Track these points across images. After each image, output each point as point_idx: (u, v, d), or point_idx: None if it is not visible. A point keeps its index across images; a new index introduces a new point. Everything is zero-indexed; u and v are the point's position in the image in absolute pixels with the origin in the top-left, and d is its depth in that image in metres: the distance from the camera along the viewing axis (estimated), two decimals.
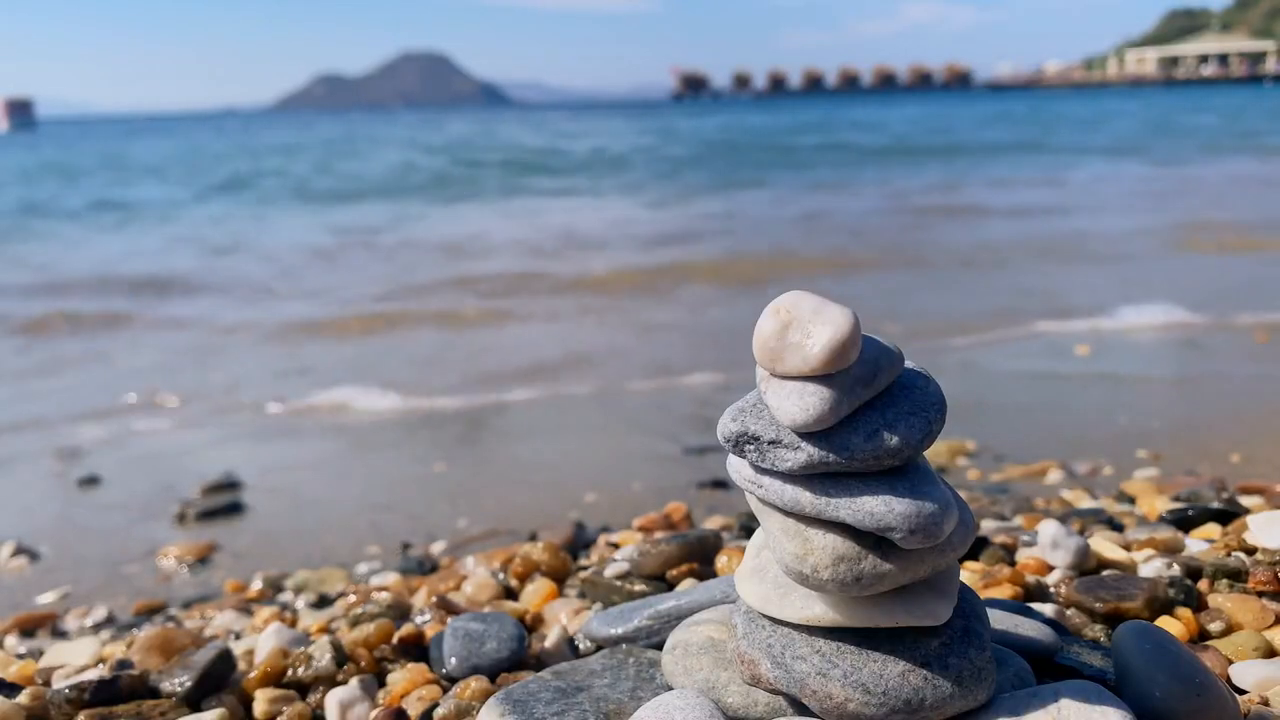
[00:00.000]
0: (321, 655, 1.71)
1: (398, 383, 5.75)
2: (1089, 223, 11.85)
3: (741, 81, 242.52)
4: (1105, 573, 1.81)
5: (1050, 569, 1.86)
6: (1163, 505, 2.36)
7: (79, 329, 7.85)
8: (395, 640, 1.77)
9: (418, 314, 7.94)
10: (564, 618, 1.87)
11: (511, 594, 2.08)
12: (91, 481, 4.28)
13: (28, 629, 2.80)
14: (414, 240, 12.82)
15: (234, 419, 5.22)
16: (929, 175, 19.36)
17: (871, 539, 1.16)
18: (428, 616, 1.89)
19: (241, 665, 1.81)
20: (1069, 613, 1.68)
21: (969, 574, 1.84)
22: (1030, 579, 1.80)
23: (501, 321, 7.65)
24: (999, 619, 1.49)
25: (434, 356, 6.57)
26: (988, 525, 2.27)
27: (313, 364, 6.42)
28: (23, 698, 1.64)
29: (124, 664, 1.85)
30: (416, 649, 1.77)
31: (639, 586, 1.88)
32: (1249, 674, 1.43)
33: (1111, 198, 14.97)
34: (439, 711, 1.51)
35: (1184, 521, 2.15)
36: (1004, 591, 1.76)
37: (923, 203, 14.87)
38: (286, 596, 2.73)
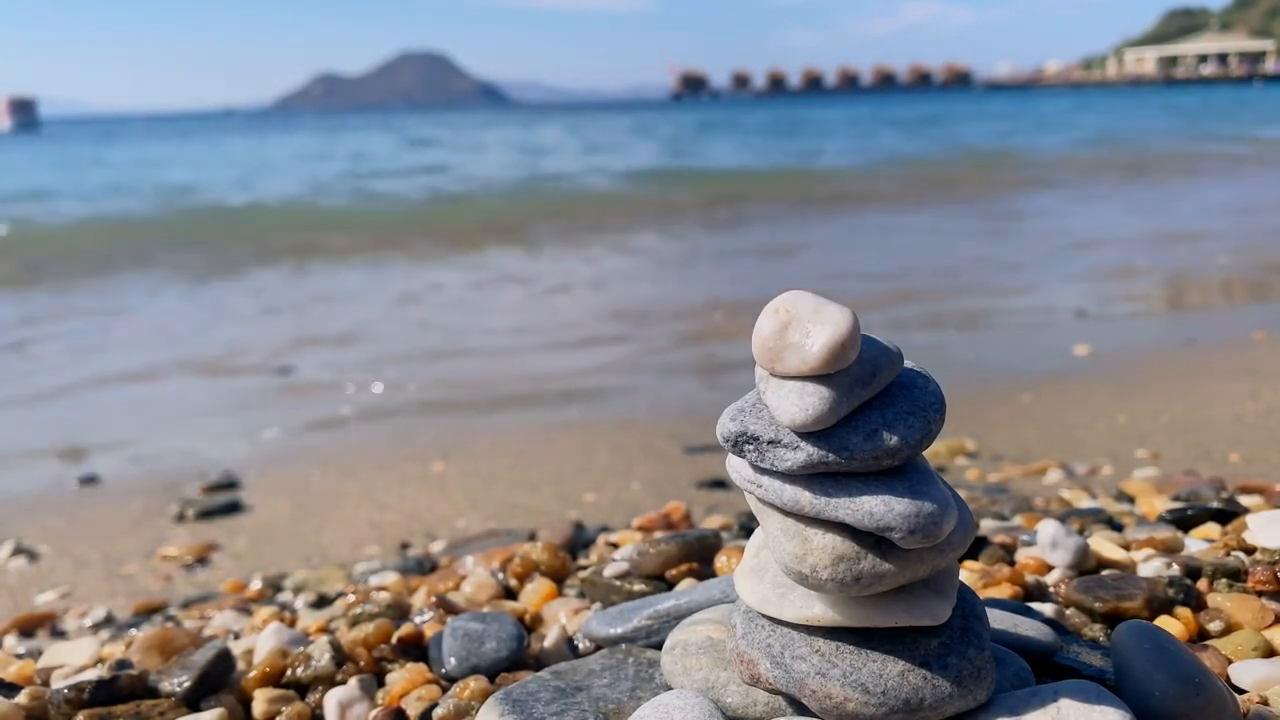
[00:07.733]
0: (320, 655, 1.71)
1: (395, 382, 5.75)
2: None
3: (741, 81, 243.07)
4: (1104, 572, 1.81)
5: (1049, 568, 1.86)
6: (1162, 505, 2.36)
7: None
8: (394, 640, 1.77)
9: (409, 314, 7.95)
10: (563, 617, 1.87)
11: (511, 594, 2.08)
12: (91, 481, 4.28)
13: (27, 629, 2.79)
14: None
15: (234, 418, 5.21)
16: None
17: (871, 539, 1.16)
18: (427, 616, 1.89)
19: (240, 665, 1.81)
20: (1068, 612, 1.68)
21: (968, 574, 1.84)
22: (1029, 578, 1.80)
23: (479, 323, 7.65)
24: (998, 618, 1.49)
25: (428, 357, 6.57)
26: (987, 525, 2.27)
27: (311, 363, 6.42)
28: (21, 698, 1.63)
29: (123, 664, 1.85)
30: (416, 649, 1.77)
31: (638, 586, 1.88)
32: (1248, 673, 1.43)
33: None
34: (438, 711, 1.51)
35: (1183, 521, 2.15)
36: (1003, 591, 1.76)
37: None
38: (285, 596, 2.73)
